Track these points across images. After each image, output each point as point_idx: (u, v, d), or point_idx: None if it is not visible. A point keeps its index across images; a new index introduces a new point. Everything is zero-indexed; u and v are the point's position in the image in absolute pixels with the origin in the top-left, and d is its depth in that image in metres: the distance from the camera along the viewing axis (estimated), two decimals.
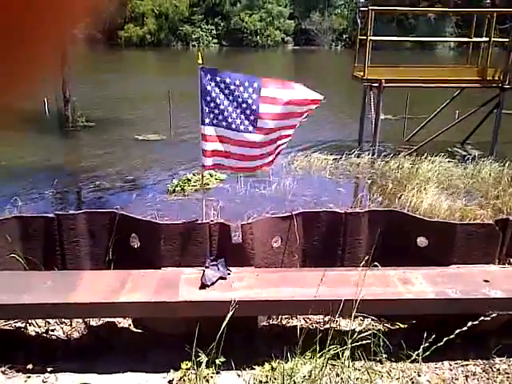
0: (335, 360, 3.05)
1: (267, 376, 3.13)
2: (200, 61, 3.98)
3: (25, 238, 3.79)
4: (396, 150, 9.90)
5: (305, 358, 3.08)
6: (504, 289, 3.36)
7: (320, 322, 3.72)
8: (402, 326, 3.74)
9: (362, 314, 3.29)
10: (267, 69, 32.47)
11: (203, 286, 3.36)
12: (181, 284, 3.39)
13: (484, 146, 10.20)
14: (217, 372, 3.13)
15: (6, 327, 3.63)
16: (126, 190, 8.05)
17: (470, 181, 7.99)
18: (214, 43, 50.02)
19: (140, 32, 47.07)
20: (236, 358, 3.18)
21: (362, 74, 9.55)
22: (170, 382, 3.14)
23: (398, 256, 3.82)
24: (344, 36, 51.33)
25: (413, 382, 3.18)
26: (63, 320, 3.69)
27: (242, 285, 3.40)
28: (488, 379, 3.24)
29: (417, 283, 3.44)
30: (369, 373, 3.09)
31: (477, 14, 11.38)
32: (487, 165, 8.45)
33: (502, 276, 3.59)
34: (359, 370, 3.13)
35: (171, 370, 3.17)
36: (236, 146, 3.88)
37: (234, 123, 3.78)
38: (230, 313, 2.94)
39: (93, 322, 3.71)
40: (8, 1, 0.38)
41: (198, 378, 3.03)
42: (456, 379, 3.24)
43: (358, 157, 9.44)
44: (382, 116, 10.38)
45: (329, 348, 2.97)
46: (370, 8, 9.42)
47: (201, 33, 49.54)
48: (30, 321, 3.62)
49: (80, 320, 3.68)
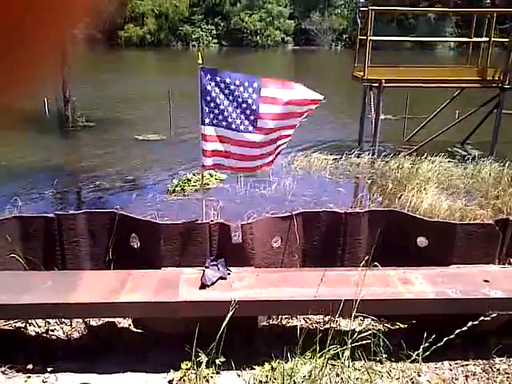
0: (335, 360, 3.05)
1: (267, 376, 3.13)
2: (200, 61, 3.98)
3: (25, 238, 3.79)
4: (396, 150, 9.90)
5: (305, 358, 3.08)
6: (504, 289, 3.36)
7: (320, 322, 3.72)
8: (402, 326, 3.74)
9: (362, 314, 3.29)
10: (267, 69, 32.47)
11: (203, 286, 3.36)
12: (181, 284, 3.39)
13: (484, 146, 10.20)
14: (217, 372, 3.13)
15: (6, 327, 3.63)
16: (126, 190, 8.05)
17: (470, 181, 7.99)
18: (214, 43, 50.04)
19: (140, 32, 47.08)
20: (236, 358, 3.18)
21: (362, 74, 9.55)
22: (170, 382, 3.14)
23: (398, 256, 3.82)
24: (344, 36, 51.34)
25: (413, 382, 3.18)
26: (63, 320, 3.69)
27: (242, 285, 3.40)
28: (488, 379, 3.24)
29: (417, 283, 3.44)
30: (369, 373, 3.09)
31: (477, 14, 11.39)
32: (487, 165, 8.45)
33: (502, 276, 3.59)
34: (359, 370, 3.13)
35: (171, 370, 3.17)
36: (236, 146, 3.88)
37: (234, 123, 3.78)
38: (230, 313, 2.94)
39: (93, 322, 3.71)
40: (8, 1, 0.38)
41: (198, 378, 3.03)
42: (456, 379, 3.24)
43: (358, 157, 9.44)
44: (382, 116, 10.38)
45: (329, 348, 2.97)
46: (370, 8, 9.42)
47: (201, 33, 49.55)
48: (30, 321, 3.62)
49: (80, 320, 3.68)
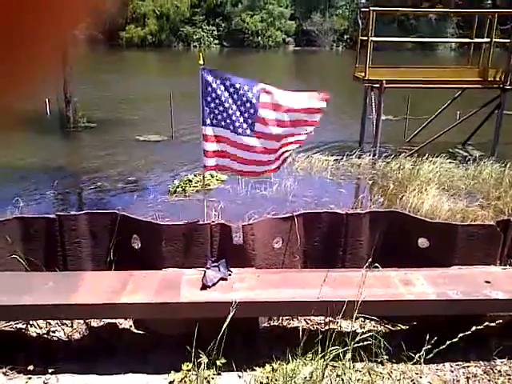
0: (336, 361, 3.05)
1: (268, 377, 3.13)
2: (201, 61, 3.99)
3: (26, 239, 3.80)
4: (397, 151, 9.88)
5: (306, 360, 3.08)
6: (505, 290, 3.36)
7: (321, 323, 3.72)
8: (403, 328, 3.73)
9: (363, 315, 3.28)
10: (268, 70, 32.49)
11: (204, 287, 3.36)
12: (182, 285, 3.39)
13: (485, 147, 10.18)
14: (218, 373, 3.13)
15: (7, 328, 3.63)
16: (127, 191, 8.06)
17: (472, 182, 7.98)
18: (215, 44, 50.04)
19: (141, 33, 47.09)
20: (237, 359, 3.18)
21: (363, 75, 9.55)
22: (171, 383, 3.14)
23: (399, 257, 3.82)
24: (345, 37, 51.31)
25: None
26: (64, 321, 3.69)
27: (243, 286, 3.40)
28: (489, 381, 3.23)
29: (418, 284, 3.44)
30: (370, 374, 3.09)
31: (478, 15, 11.39)
32: (488, 166, 8.44)
33: (504, 277, 3.58)
34: (360, 372, 3.13)
35: (172, 372, 3.17)
36: (234, 148, 3.91)
37: (233, 125, 3.82)
38: (231, 314, 2.94)
39: (94, 323, 3.71)
40: (8, 1, 0.38)
41: (199, 380, 3.03)
42: (457, 381, 3.23)
43: (359, 158, 9.44)
44: (383, 117, 10.37)
45: (330, 349, 2.97)
46: (371, 9, 9.42)
47: (202, 33, 49.56)
48: (31, 322, 3.62)
49: (81, 321, 3.69)
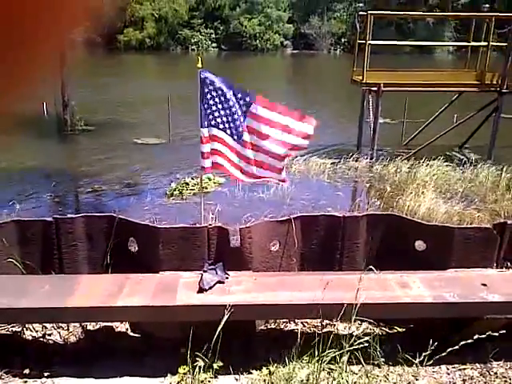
0: (333, 364, 3.05)
1: (265, 380, 3.13)
2: (199, 64, 4.01)
3: (23, 242, 3.79)
4: (394, 154, 9.91)
5: (302, 363, 3.08)
6: (502, 292, 3.36)
7: (318, 326, 3.71)
8: (400, 330, 3.73)
9: (360, 318, 3.28)
10: (267, 73, 32.54)
11: (201, 290, 3.35)
12: (179, 288, 3.39)
13: (482, 150, 10.21)
14: (214, 376, 3.12)
15: (3, 331, 3.62)
16: (124, 194, 8.05)
17: (468, 185, 7.99)
18: (214, 47, 50.11)
19: (139, 36, 47.14)
20: (234, 362, 3.17)
21: (361, 78, 9.57)
22: None
23: (396, 260, 3.82)
24: (343, 40, 51.43)
25: None
26: (60, 324, 3.68)
27: (240, 289, 3.40)
28: (485, 383, 3.24)
29: (414, 287, 3.44)
30: (368, 376, 3.09)
31: (475, 19, 11.43)
32: (485, 169, 8.46)
33: (500, 280, 3.59)
34: (357, 374, 3.13)
35: (168, 375, 3.16)
36: (227, 150, 4.10)
37: (229, 128, 4.01)
38: (225, 317, 2.94)
39: (90, 327, 3.70)
40: (8, 1, 0.38)
41: (196, 383, 3.03)
42: (453, 383, 3.24)
43: (357, 161, 9.45)
44: (381, 120, 10.39)
45: (327, 352, 2.97)
46: (369, 12, 9.46)
47: (200, 37, 49.64)
48: (27, 325, 3.61)
49: (77, 324, 3.68)
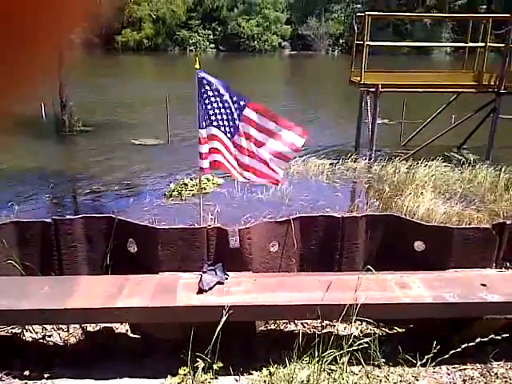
0: (333, 365, 3.05)
1: (265, 381, 3.13)
2: (197, 65, 4.01)
3: (22, 244, 3.78)
4: (393, 155, 9.92)
5: (303, 363, 3.08)
6: (501, 293, 3.37)
7: (318, 327, 3.71)
8: (400, 331, 3.73)
9: (360, 319, 3.29)
10: (265, 74, 32.56)
11: (201, 291, 3.35)
12: (178, 289, 3.38)
13: (480, 151, 10.23)
14: (215, 377, 3.12)
15: (3, 333, 3.61)
16: (123, 195, 8.04)
17: (467, 185, 8.01)
18: (211, 48, 50.12)
19: (137, 37, 47.11)
20: (234, 363, 3.17)
21: (359, 79, 9.58)
22: None
23: (396, 260, 3.83)
24: (341, 41, 51.52)
25: None
26: (60, 326, 3.67)
27: (240, 289, 3.40)
28: (486, 383, 3.24)
29: (414, 287, 3.45)
30: (368, 377, 3.09)
31: (473, 20, 11.46)
32: (483, 169, 8.47)
33: (500, 280, 3.60)
34: (357, 375, 3.13)
35: (169, 376, 3.16)
36: (224, 148, 4.19)
37: (224, 128, 4.11)
38: (224, 318, 2.94)
39: (90, 328, 3.70)
40: (8, 1, 0.38)
41: None
42: (454, 383, 3.24)
43: (355, 161, 9.47)
44: (379, 121, 10.40)
45: (327, 353, 2.97)
46: (367, 13, 9.47)
47: (198, 38, 49.64)
48: (27, 326, 3.60)
49: (77, 326, 3.67)
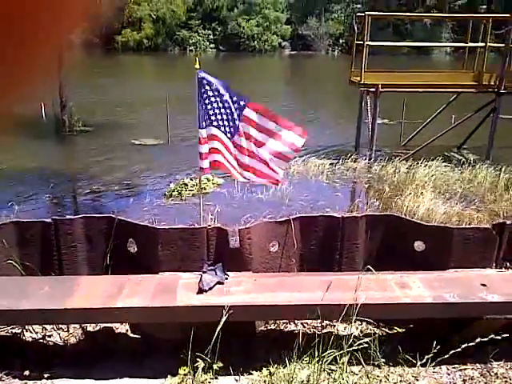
0: (333, 365, 3.05)
1: (265, 381, 3.13)
2: (197, 65, 4.01)
3: (22, 244, 3.78)
4: (393, 155, 9.92)
5: (303, 363, 3.08)
6: (501, 293, 3.37)
7: (318, 327, 3.72)
8: (400, 331, 3.74)
9: (360, 319, 3.29)
10: (265, 74, 32.56)
11: (201, 291, 3.35)
12: (178, 289, 3.38)
13: (480, 151, 10.23)
14: (215, 377, 3.12)
15: (3, 333, 3.61)
16: (123, 195, 8.03)
17: (467, 185, 8.01)
18: (211, 48, 50.13)
19: (137, 37, 47.12)
20: (234, 363, 3.17)
21: (359, 79, 9.58)
22: None
23: (396, 260, 3.83)
24: (341, 41, 51.53)
25: None
26: (60, 326, 3.67)
27: (240, 289, 3.40)
28: (486, 383, 3.24)
29: (414, 287, 3.45)
30: (368, 377, 3.09)
31: (473, 20, 11.46)
32: (483, 169, 8.47)
33: (500, 280, 3.60)
34: (357, 375, 3.13)
35: (169, 376, 3.16)
36: (223, 148, 4.21)
37: (224, 127, 4.13)
38: (224, 318, 2.94)
39: (90, 328, 3.70)
40: (8, 1, 0.38)
41: None
42: (454, 383, 3.24)
43: (355, 161, 9.47)
44: (379, 121, 10.40)
45: (327, 353, 2.97)
46: (367, 13, 9.47)
47: (198, 38, 49.65)
48: (27, 327, 3.61)
49: (77, 326, 3.67)
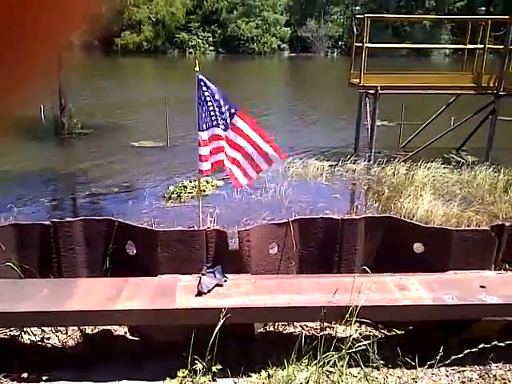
0: (332, 367, 3.05)
1: (264, 383, 3.12)
2: (197, 68, 4.02)
3: (21, 246, 3.78)
4: (392, 157, 9.93)
5: (301, 365, 3.08)
6: (500, 294, 3.37)
7: (317, 329, 3.71)
8: (399, 332, 3.73)
9: (359, 321, 3.28)
10: (264, 76, 32.59)
11: (200, 294, 3.35)
12: (177, 291, 3.38)
13: (479, 153, 10.24)
14: (213, 379, 3.11)
15: (1, 335, 3.60)
16: (122, 198, 8.03)
17: (466, 187, 8.01)
18: (211, 50, 50.23)
19: (136, 39, 47.21)
20: (232, 366, 3.17)
21: (358, 81, 9.60)
22: None
23: (395, 262, 3.83)
24: (340, 43, 51.63)
25: None
26: (59, 328, 3.67)
27: (239, 292, 3.40)
28: None
29: (413, 289, 3.45)
30: (367, 379, 3.09)
31: (472, 22, 11.48)
32: (483, 171, 8.48)
33: (498, 282, 3.60)
34: (356, 377, 3.12)
35: (167, 378, 3.15)
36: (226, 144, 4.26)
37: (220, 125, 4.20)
38: (222, 320, 2.93)
39: (89, 330, 3.69)
40: (8, 1, 0.38)
41: None
42: None
43: (354, 163, 9.47)
44: (378, 122, 10.41)
45: (326, 355, 2.97)
46: (366, 15, 9.49)
47: (197, 40, 49.75)
48: (25, 329, 3.60)
49: (76, 328, 3.67)
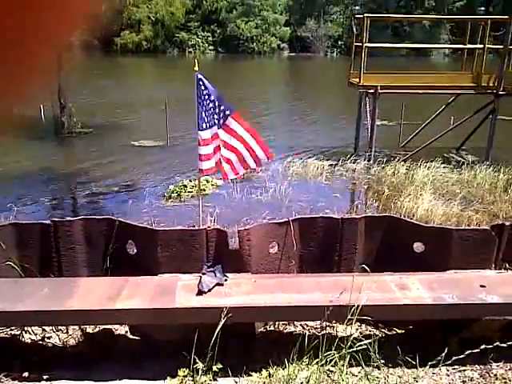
0: (333, 366, 3.05)
1: (264, 382, 3.12)
2: (196, 67, 4.02)
3: (21, 245, 3.78)
4: (392, 156, 9.94)
5: (302, 365, 3.08)
6: (500, 294, 3.37)
7: (317, 328, 3.72)
8: (399, 332, 3.74)
9: (360, 320, 3.28)
10: (264, 76, 32.59)
11: (200, 293, 3.35)
12: (178, 290, 3.38)
13: (479, 152, 10.25)
14: (214, 379, 3.12)
15: (2, 335, 3.60)
16: (122, 197, 8.04)
17: (466, 186, 8.02)
18: (210, 50, 50.23)
19: (136, 39, 47.20)
20: (233, 365, 3.17)
21: (358, 81, 9.60)
22: None
23: (395, 261, 3.83)
24: (339, 43, 51.64)
25: None
26: (59, 327, 3.67)
27: (239, 291, 3.40)
28: None
29: (413, 288, 3.45)
30: (368, 378, 3.09)
31: (471, 21, 11.48)
32: (482, 170, 8.49)
33: (499, 281, 3.60)
34: (356, 376, 3.13)
35: (168, 377, 3.15)
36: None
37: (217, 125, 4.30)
38: (223, 320, 2.94)
39: (89, 329, 3.69)
40: (8, 1, 0.38)
41: None
42: None
43: (354, 162, 9.48)
44: (378, 122, 10.42)
45: (327, 354, 2.97)
46: (366, 15, 9.49)
47: (197, 39, 49.76)
48: (26, 328, 3.60)
49: (76, 327, 3.67)
